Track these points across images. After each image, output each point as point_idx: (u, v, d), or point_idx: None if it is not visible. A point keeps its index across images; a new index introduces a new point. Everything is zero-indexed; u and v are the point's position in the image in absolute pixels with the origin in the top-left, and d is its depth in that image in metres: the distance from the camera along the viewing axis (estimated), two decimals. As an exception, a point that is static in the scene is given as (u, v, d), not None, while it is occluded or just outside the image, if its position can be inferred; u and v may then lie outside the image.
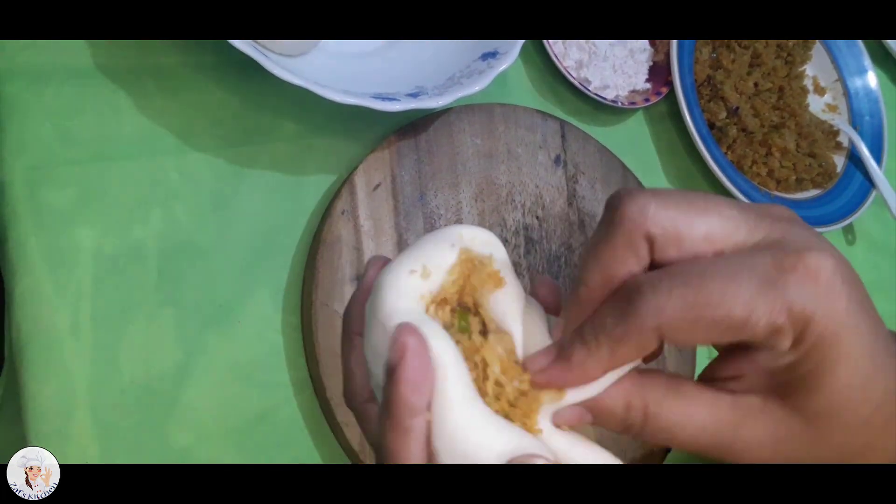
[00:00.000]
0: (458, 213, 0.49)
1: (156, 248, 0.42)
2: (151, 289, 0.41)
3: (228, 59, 0.46)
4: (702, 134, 0.61)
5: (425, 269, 0.27)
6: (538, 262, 0.52)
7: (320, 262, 0.44)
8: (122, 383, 0.39)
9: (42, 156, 0.40)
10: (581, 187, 0.55)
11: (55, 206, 0.40)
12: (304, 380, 0.44)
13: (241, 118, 0.46)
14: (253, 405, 0.42)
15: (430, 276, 0.27)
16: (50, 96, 0.41)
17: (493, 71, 0.47)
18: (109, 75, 0.43)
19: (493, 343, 0.26)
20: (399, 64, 0.50)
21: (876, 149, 0.72)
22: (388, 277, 0.26)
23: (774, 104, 0.68)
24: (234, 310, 0.43)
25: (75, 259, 0.39)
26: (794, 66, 0.71)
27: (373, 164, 0.47)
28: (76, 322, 0.39)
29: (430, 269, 0.27)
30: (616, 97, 0.61)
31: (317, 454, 0.44)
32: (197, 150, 0.44)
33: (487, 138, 0.52)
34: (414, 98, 0.45)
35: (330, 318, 0.43)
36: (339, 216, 0.45)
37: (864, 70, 0.75)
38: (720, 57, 0.66)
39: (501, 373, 0.25)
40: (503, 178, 0.52)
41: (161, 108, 0.44)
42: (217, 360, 0.42)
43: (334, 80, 0.44)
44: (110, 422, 0.38)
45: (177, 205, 0.43)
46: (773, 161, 0.66)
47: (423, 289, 0.26)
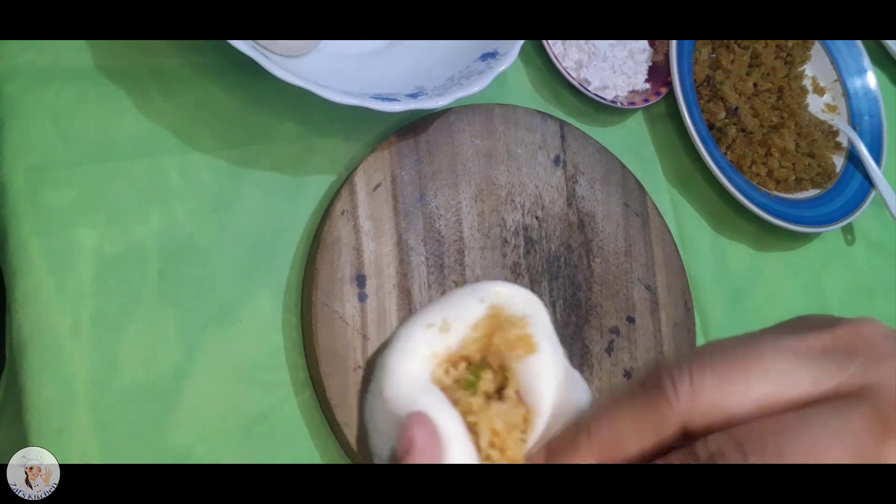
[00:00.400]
0: (457, 213, 0.49)
1: (156, 248, 0.42)
2: (152, 289, 0.41)
3: (229, 60, 0.46)
4: (701, 134, 0.61)
5: (445, 322, 0.26)
6: (538, 262, 0.52)
7: (320, 263, 0.44)
8: (123, 383, 0.39)
9: (43, 156, 0.40)
10: (581, 187, 0.55)
11: (56, 206, 0.40)
12: (304, 380, 0.44)
13: (241, 118, 0.46)
14: (253, 405, 0.42)
15: (451, 330, 0.26)
16: (50, 97, 0.41)
17: (492, 71, 0.47)
18: (110, 76, 0.43)
19: (494, 412, 0.24)
20: (399, 64, 0.50)
21: (875, 149, 0.72)
22: (402, 333, 0.26)
23: (774, 104, 0.68)
24: (235, 310, 0.43)
25: (76, 259, 0.40)
26: (793, 67, 0.71)
27: (373, 164, 0.47)
28: (76, 322, 0.39)
29: (450, 323, 0.26)
30: (615, 97, 0.61)
31: (317, 454, 0.44)
32: (197, 151, 0.44)
33: (487, 138, 0.52)
34: (414, 98, 0.45)
35: (330, 318, 0.43)
36: (339, 216, 0.45)
37: (863, 70, 0.75)
38: (719, 57, 0.66)
39: (489, 446, 0.24)
40: (503, 179, 0.52)
41: (161, 108, 0.44)
42: (217, 360, 0.42)
43: (334, 80, 0.44)
44: (110, 422, 0.38)
45: (177, 205, 0.43)
46: (772, 161, 0.66)
47: (439, 345, 0.25)
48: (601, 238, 0.55)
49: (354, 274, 0.45)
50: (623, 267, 0.55)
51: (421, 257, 0.47)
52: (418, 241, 0.47)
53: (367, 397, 0.26)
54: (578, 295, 0.53)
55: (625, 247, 0.56)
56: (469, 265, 0.49)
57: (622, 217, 0.56)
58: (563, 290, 0.52)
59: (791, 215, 0.64)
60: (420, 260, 0.47)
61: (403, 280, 0.46)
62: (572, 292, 0.53)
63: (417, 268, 0.47)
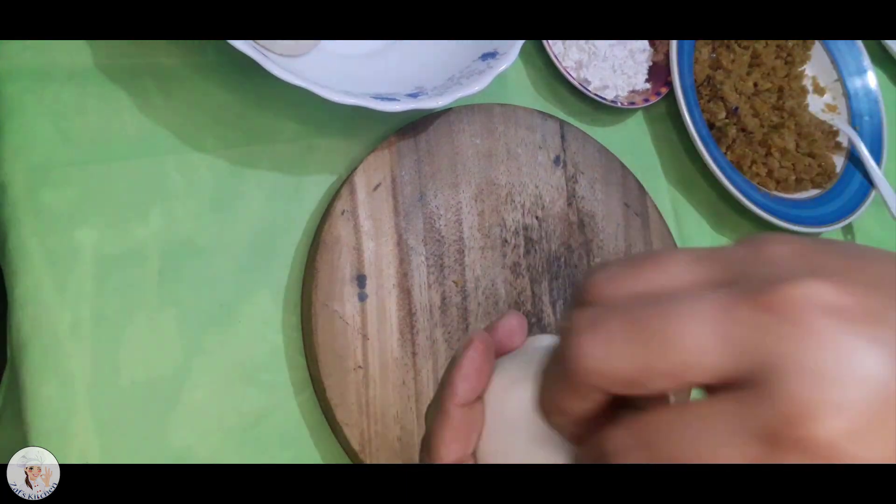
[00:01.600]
0: (457, 213, 0.49)
1: (156, 248, 0.42)
2: (152, 289, 0.41)
3: (229, 60, 0.46)
4: (701, 134, 0.61)
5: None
6: (538, 261, 0.52)
7: (320, 263, 0.44)
8: (123, 383, 0.39)
9: (42, 156, 0.40)
10: (580, 187, 0.55)
11: (56, 206, 0.40)
12: (304, 380, 0.44)
13: (241, 118, 0.46)
14: (253, 405, 0.42)
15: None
16: (50, 97, 0.41)
17: (492, 71, 0.47)
18: (110, 76, 0.43)
19: None
20: (399, 64, 0.50)
21: (875, 149, 0.72)
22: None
23: (774, 104, 0.68)
24: (235, 310, 0.43)
25: (76, 259, 0.40)
26: (793, 67, 0.71)
27: (373, 164, 0.47)
28: (77, 322, 0.39)
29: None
30: (615, 97, 0.61)
31: (317, 454, 0.44)
32: (197, 151, 0.44)
33: (487, 138, 0.52)
34: (414, 98, 0.45)
35: (330, 318, 0.43)
36: (340, 216, 0.45)
37: (863, 70, 0.75)
38: (720, 57, 0.66)
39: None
40: (503, 179, 0.52)
41: (162, 108, 0.44)
42: (217, 360, 0.42)
43: (334, 80, 0.44)
44: (110, 421, 0.38)
45: (177, 205, 0.43)
46: (772, 161, 0.66)
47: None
48: (601, 238, 0.55)
49: (354, 274, 0.45)
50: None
51: (421, 257, 0.47)
52: (418, 240, 0.47)
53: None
54: (578, 295, 0.53)
55: (625, 247, 0.56)
56: (469, 265, 0.49)
57: (622, 217, 0.56)
58: (563, 290, 0.52)
59: (791, 215, 0.64)
60: (420, 260, 0.47)
61: (403, 280, 0.46)
62: (572, 292, 0.53)
63: (417, 268, 0.47)
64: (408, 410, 0.44)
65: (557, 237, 0.53)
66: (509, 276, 0.50)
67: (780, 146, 0.66)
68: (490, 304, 0.49)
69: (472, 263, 0.49)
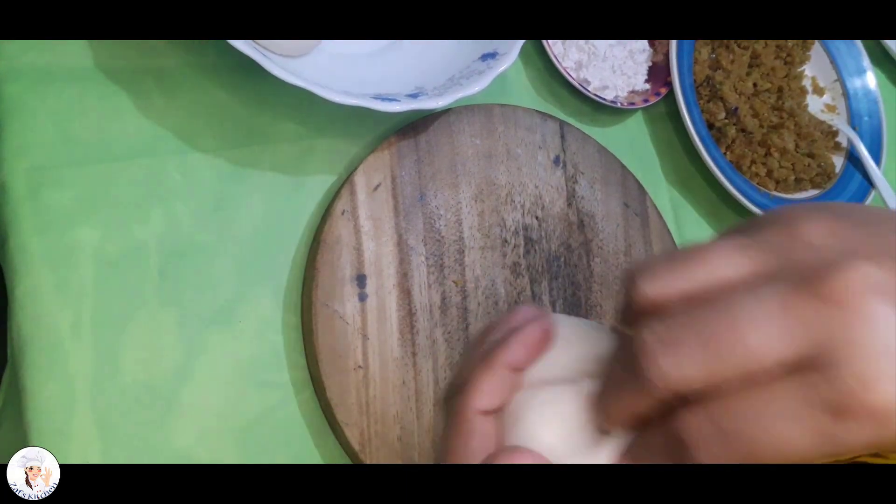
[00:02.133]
0: (457, 213, 0.49)
1: (157, 248, 0.42)
2: (152, 289, 0.41)
3: (229, 60, 0.46)
4: (701, 134, 0.61)
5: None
6: (538, 261, 0.52)
7: (320, 263, 0.44)
8: (123, 383, 0.39)
9: (43, 156, 0.40)
10: (580, 187, 0.55)
11: (56, 206, 0.40)
12: (304, 380, 0.44)
13: (241, 119, 0.46)
14: (253, 405, 0.42)
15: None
16: (51, 97, 0.41)
17: (492, 72, 0.48)
18: (111, 76, 0.43)
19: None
20: (399, 65, 0.50)
21: (875, 149, 0.72)
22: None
23: (773, 104, 0.68)
24: (235, 310, 0.43)
25: (76, 259, 0.40)
26: (792, 67, 0.71)
27: (373, 164, 0.47)
28: (77, 322, 0.39)
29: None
30: (615, 98, 0.61)
31: (317, 454, 0.44)
32: (198, 151, 0.44)
33: (487, 139, 0.52)
34: (414, 99, 0.45)
35: (330, 318, 0.43)
36: (340, 216, 0.45)
37: (862, 70, 0.75)
38: (719, 57, 0.66)
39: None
40: (503, 179, 0.52)
41: (162, 108, 0.44)
42: (217, 360, 0.42)
43: (334, 80, 0.44)
44: (110, 422, 0.38)
45: (178, 205, 0.43)
46: (772, 161, 0.66)
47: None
48: (601, 238, 0.55)
49: (354, 274, 0.45)
50: (623, 267, 0.55)
51: (421, 257, 0.47)
52: (418, 241, 0.47)
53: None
54: (578, 295, 0.53)
55: (624, 247, 0.56)
56: (469, 265, 0.49)
57: (622, 217, 0.56)
58: (562, 290, 0.52)
59: (791, 215, 0.64)
60: (420, 260, 0.47)
61: (403, 280, 0.46)
62: (572, 292, 0.53)
63: (417, 268, 0.47)
64: (408, 410, 0.44)
65: (557, 237, 0.53)
66: (509, 275, 0.50)
67: (780, 146, 0.66)
68: (490, 304, 0.49)
69: (472, 263, 0.49)
